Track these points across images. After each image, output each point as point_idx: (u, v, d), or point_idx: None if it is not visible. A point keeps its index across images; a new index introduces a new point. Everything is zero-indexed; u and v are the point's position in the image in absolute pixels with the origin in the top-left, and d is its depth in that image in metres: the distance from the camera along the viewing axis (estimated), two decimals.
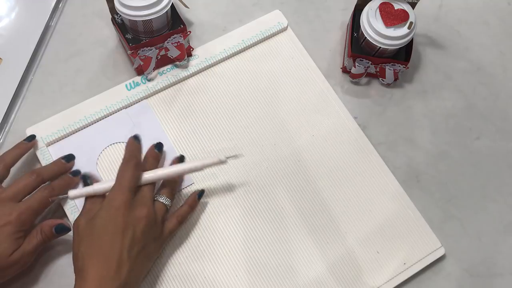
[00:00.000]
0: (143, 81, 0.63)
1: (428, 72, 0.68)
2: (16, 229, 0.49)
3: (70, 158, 0.57)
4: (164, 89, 0.63)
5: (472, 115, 0.67)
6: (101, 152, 0.59)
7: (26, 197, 0.52)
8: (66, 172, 0.56)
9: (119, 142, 0.60)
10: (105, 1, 0.59)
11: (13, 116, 0.62)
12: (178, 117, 0.62)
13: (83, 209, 0.52)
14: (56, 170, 0.55)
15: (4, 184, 0.54)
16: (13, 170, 0.56)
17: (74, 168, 0.57)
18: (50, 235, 0.52)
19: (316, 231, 0.58)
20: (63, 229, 0.53)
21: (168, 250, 0.56)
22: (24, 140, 0.57)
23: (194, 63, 0.64)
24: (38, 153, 0.58)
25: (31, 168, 0.59)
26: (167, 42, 0.60)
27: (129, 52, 0.60)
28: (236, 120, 0.63)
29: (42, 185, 0.53)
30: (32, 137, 0.57)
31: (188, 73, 0.64)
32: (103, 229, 0.48)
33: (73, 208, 0.56)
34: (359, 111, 0.65)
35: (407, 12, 0.61)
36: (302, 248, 0.57)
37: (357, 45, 0.64)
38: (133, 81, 0.63)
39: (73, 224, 0.51)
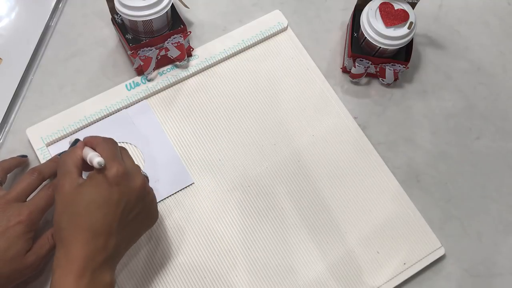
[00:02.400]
0: (143, 81, 0.63)
1: (428, 72, 0.68)
2: (27, 229, 0.49)
3: None
4: (164, 89, 0.63)
5: (472, 115, 0.66)
6: None
7: (31, 197, 0.52)
8: None
9: (119, 142, 0.60)
10: (105, 1, 0.59)
11: (13, 116, 0.62)
12: (178, 117, 0.62)
13: (60, 169, 0.48)
14: (55, 167, 0.55)
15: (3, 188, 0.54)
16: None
17: None
18: None
19: (316, 231, 0.58)
20: None
21: (168, 250, 0.56)
22: (18, 156, 0.58)
23: (194, 63, 0.64)
24: (38, 153, 0.58)
25: (30, 168, 0.59)
26: (167, 42, 0.60)
27: (129, 52, 0.60)
28: (236, 120, 0.63)
29: (43, 182, 0.54)
30: (24, 156, 0.59)
31: (188, 73, 0.64)
32: (93, 203, 0.44)
33: None
34: (359, 111, 0.65)
35: (407, 12, 0.61)
36: (302, 248, 0.57)
37: (357, 45, 0.64)
38: (133, 81, 0.63)
39: (56, 186, 0.47)
